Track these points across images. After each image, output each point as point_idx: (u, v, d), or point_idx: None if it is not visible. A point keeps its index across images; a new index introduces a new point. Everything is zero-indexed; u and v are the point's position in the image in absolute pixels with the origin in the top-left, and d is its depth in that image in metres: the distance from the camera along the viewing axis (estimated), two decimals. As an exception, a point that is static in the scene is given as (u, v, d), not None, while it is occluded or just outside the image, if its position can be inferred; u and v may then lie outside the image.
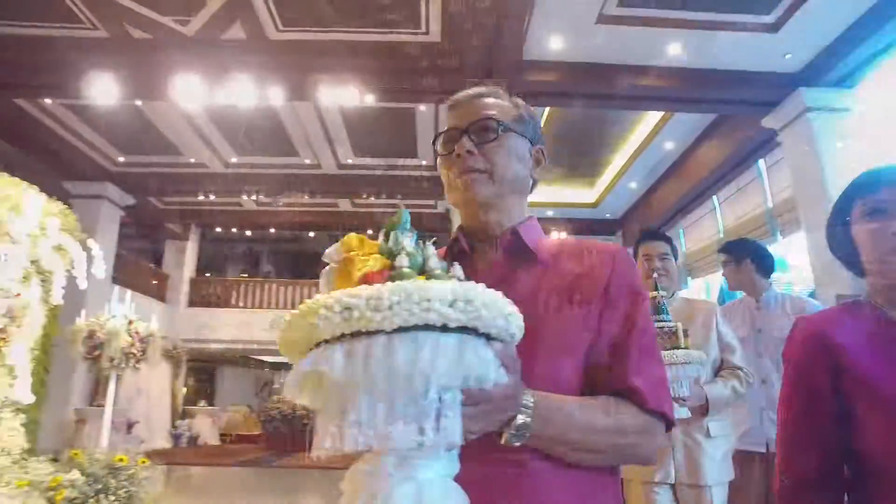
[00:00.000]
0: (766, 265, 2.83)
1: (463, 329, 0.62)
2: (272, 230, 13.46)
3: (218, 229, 13.48)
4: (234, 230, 13.36)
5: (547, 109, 8.39)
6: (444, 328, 0.60)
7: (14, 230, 4.63)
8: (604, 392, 0.87)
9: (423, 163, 9.69)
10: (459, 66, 6.52)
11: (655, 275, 2.24)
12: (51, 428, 7.56)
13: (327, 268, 0.74)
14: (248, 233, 13.77)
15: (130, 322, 5.28)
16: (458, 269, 0.71)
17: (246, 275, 15.93)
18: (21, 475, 4.20)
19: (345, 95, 6.94)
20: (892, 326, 1.03)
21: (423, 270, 0.68)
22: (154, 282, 12.32)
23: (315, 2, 6.01)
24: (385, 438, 0.58)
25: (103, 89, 6.76)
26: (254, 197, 10.93)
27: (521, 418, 0.74)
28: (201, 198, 10.89)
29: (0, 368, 4.55)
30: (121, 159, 9.63)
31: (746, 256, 2.83)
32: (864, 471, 1.00)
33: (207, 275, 14.42)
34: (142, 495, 4.68)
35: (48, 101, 7.72)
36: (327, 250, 0.75)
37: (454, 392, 0.61)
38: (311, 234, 13.92)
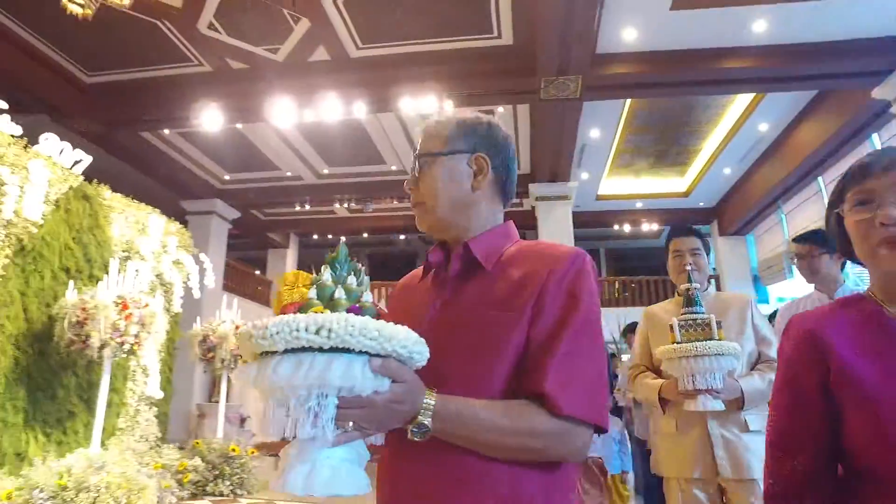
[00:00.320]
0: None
1: (347, 349, 0.78)
2: (365, 234, 14.10)
3: (315, 236, 14.33)
4: (329, 236, 14.13)
5: (628, 101, 8.23)
6: (334, 348, 0.77)
7: (143, 249, 5.33)
8: (522, 395, 0.91)
9: (504, 163, 9.80)
10: (533, 66, 6.57)
11: (691, 263, 2.23)
12: (177, 420, 8.51)
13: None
14: (343, 238, 14.51)
15: (237, 327, 5.84)
16: (368, 297, 0.89)
17: (344, 278, 16.85)
18: (157, 459, 4.84)
19: (424, 104, 7.22)
20: (884, 320, 0.98)
21: (330, 300, 0.85)
22: (259, 288, 13.34)
23: (389, 19, 6.33)
24: (282, 431, 0.78)
25: (210, 117, 7.51)
26: (345, 205, 11.56)
27: (420, 418, 0.84)
28: (297, 208, 11.68)
29: (137, 369, 5.25)
30: (226, 177, 10.57)
31: (828, 247, 2.64)
32: (851, 471, 0.97)
33: (307, 280, 15.30)
34: (252, 481, 5.22)
35: (166, 131, 8.64)
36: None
37: (332, 398, 0.78)
38: (402, 236, 14.45)
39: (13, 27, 6.53)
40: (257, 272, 14.25)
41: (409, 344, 0.83)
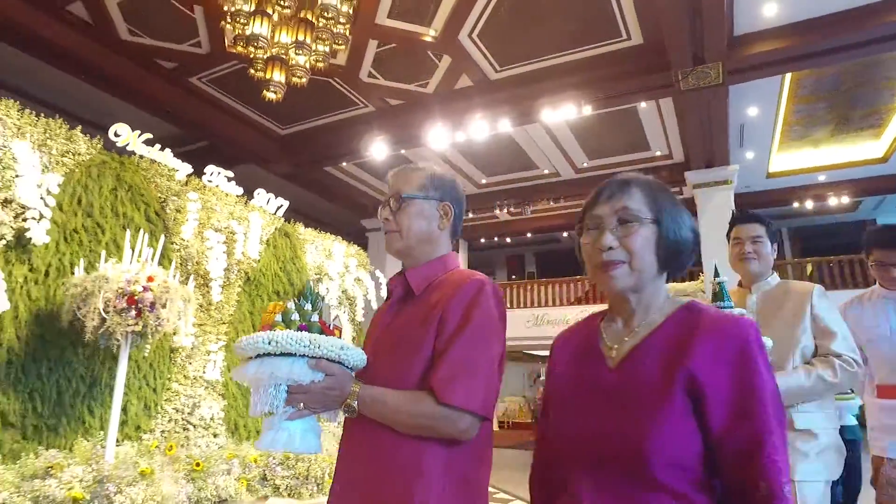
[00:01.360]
0: None
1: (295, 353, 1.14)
2: (529, 234, 14.65)
3: (482, 239, 15.24)
4: (495, 238, 14.94)
5: (788, 76, 7.66)
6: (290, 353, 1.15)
7: (330, 270, 6.51)
8: (425, 388, 1.17)
9: (658, 153, 9.66)
10: (667, 60, 6.57)
11: (751, 251, 2.16)
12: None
13: None
14: (508, 239, 15.23)
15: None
16: (315, 317, 1.25)
17: (514, 276, 17.58)
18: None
19: (564, 111, 7.59)
20: (592, 331, 1.10)
21: (290, 321, 1.22)
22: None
23: (521, 41, 6.82)
24: (258, 409, 1.16)
25: (377, 147, 8.72)
26: (505, 209, 12.24)
27: (349, 401, 1.18)
28: (462, 217, 12.63)
29: (333, 369, 6.44)
30: (398, 196, 11.87)
31: None
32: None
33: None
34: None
35: (344, 164, 10.12)
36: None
37: (284, 386, 1.15)
38: (565, 234, 14.72)
39: (226, 101, 8.32)
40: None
41: (336, 349, 1.18)
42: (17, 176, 3.56)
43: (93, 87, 7.63)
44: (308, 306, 1.26)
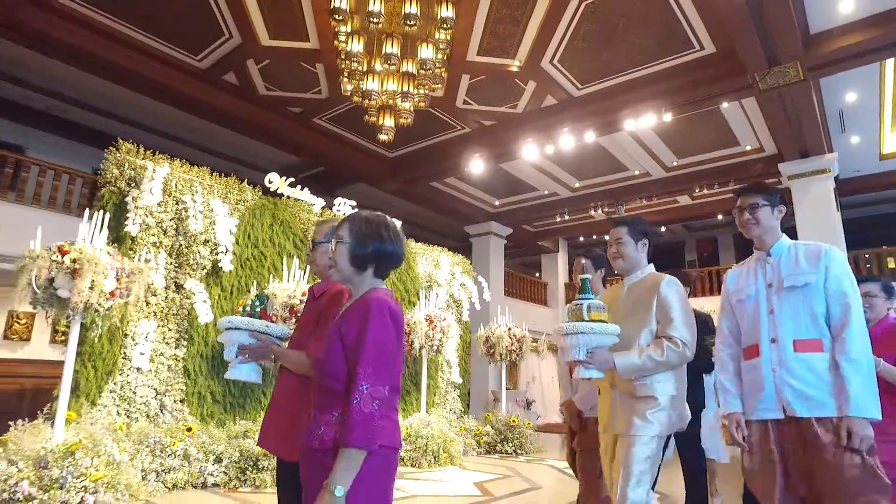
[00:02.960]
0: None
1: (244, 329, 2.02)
2: (626, 231, 14.92)
3: (581, 238, 15.75)
4: (594, 237, 15.39)
5: (891, 62, 7.57)
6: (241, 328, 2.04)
7: (438, 278, 7.58)
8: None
9: (748, 147, 9.76)
10: (741, 65, 6.89)
11: (615, 252, 2.49)
12: (477, 400, 10.94)
13: None
14: (606, 237, 15.59)
15: (509, 329, 7.69)
16: (259, 309, 2.09)
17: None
18: (461, 424, 6.96)
19: (645, 120, 8.10)
20: None
21: (245, 312, 2.07)
22: (536, 290, 15.35)
23: (597, 62, 7.47)
24: (226, 356, 2.06)
25: (476, 163, 9.70)
26: (599, 210, 12.74)
27: (271, 356, 1.98)
28: (558, 218, 13.30)
29: (443, 363, 7.50)
30: (496, 203, 12.82)
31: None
32: None
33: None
34: (528, 445, 6.97)
35: (448, 179, 11.21)
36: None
37: (235, 346, 2.00)
38: (662, 228, 14.85)
39: (343, 133, 9.70)
40: (536, 274, 16.38)
41: (263, 326, 2.00)
42: (213, 223, 4.94)
43: (239, 134, 9.34)
44: (257, 302, 2.10)
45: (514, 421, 6.98)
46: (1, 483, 3.12)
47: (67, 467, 3.33)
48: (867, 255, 12.18)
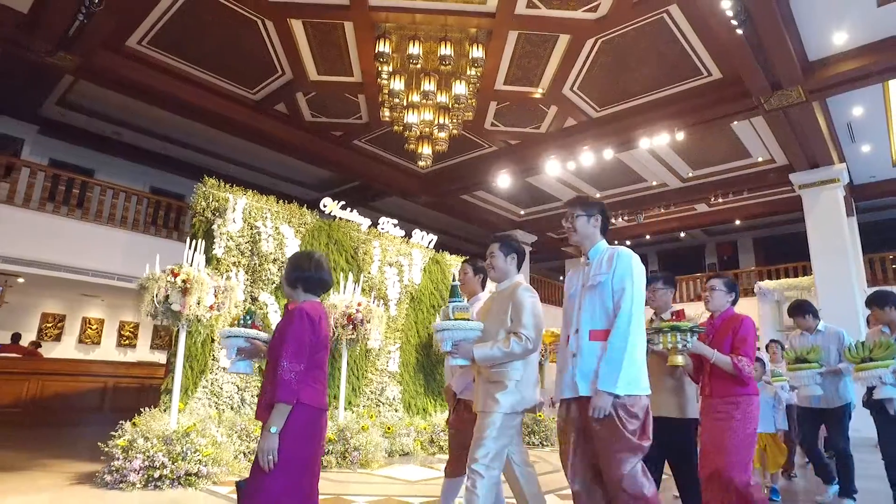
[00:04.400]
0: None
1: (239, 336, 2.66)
2: (647, 237, 15.54)
3: (604, 244, 16.39)
4: (615, 242, 15.91)
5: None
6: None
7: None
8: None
9: (760, 159, 10.34)
10: (746, 89, 7.53)
11: (489, 264, 2.89)
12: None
13: None
14: (628, 242, 16.22)
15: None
16: (250, 321, 2.69)
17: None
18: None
19: (659, 139, 8.78)
20: None
21: (240, 324, 2.72)
22: (560, 294, 16.02)
23: (614, 87, 8.19)
24: (227, 357, 2.97)
25: (502, 178, 10.49)
26: (619, 218, 13.39)
27: (261, 354, 2.56)
28: (582, 226, 13.98)
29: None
30: (522, 212, 13.58)
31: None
32: None
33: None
34: (553, 438, 7.70)
35: (478, 192, 12.02)
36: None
37: (235, 348, 2.59)
38: (682, 234, 15.42)
39: (380, 153, 10.60)
40: (560, 278, 17.06)
41: (254, 333, 2.57)
42: (281, 244, 5.83)
43: (287, 156, 10.31)
44: (248, 317, 2.68)
45: (540, 416, 7.72)
46: (142, 454, 4.03)
47: (186, 445, 4.22)
48: (892, 258, 12.52)
